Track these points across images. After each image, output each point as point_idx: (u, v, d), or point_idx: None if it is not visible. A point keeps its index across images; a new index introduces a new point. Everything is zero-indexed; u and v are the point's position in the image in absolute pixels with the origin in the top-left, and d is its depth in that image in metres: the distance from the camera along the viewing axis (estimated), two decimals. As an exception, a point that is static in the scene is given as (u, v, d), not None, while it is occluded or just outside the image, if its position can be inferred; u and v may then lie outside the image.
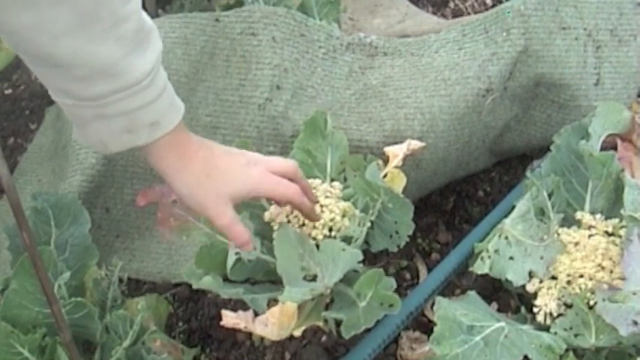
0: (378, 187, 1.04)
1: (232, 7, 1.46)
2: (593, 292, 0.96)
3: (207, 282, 0.99)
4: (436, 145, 1.28)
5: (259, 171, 0.91)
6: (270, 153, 1.29)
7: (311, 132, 1.17)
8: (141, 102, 0.78)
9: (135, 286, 1.36)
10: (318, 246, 1.00)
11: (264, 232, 1.07)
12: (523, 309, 1.09)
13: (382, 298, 0.98)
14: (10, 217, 1.11)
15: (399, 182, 1.09)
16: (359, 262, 1.03)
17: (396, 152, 1.12)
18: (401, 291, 1.26)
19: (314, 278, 1.00)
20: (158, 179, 1.33)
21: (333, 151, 1.15)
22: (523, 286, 1.05)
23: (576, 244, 1.05)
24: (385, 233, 1.09)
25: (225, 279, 1.04)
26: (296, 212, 1.05)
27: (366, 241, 1.10)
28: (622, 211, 1.04)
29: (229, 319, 0.95)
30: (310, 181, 1.09)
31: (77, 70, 0.72)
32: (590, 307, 0.95)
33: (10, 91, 1.90)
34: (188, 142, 0.86)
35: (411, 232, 1.07)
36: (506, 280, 1.05)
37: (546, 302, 1.01)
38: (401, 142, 1.14)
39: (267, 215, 1.07)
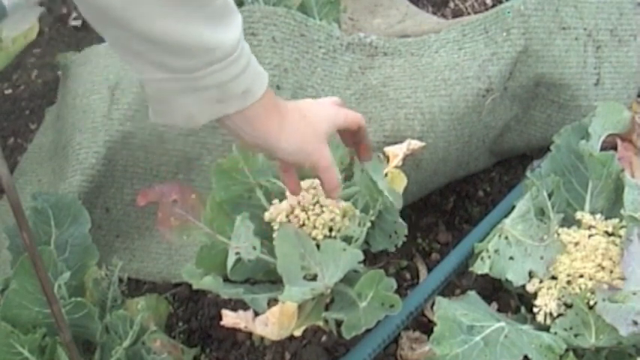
0: (373, 189, 1.04)
1: (232, 7, 1.46)
2: (593, 292, 0.96)
3: (208, 282, 0.99)
4: (436, 145, 1.28)
5: (328, 104, 0.97)
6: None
7: (311, 132, 1.16)
8: (233, 73, 0.80)
9: (135, 286, 1.36)
10: (318, 246, 1.00)
11: (264, 232, 1.07)
12: (523, 309, 1.09)
13: (383, 298, 0.98)
14: (10, 217, 1.11)
15: (399, 182, 1.09)
16: (359, 263, 1.03)
17: (396, 152, 1.12)
18: (401, 291, 1.26)
19: (314, 278, 1.00)
20: (158, 179, 1.35)
21: (333, 151, 1.15)
22: (523, 286, 1.05)
23: (576, 244, 1.05)
24: (385, 233, 1.09)
25: (226, 279, 1.04)
26: (295, 212, 1.05)
27: (366, 241, 1.10)
28: (622, 211, 1.04)
29: (229, 318, 0.95)
30: (310, 181, 1.09)
31: (172, 47, 0.75)
32: (590, 307, 0.95)
33: (10, 91, 1.91)
34: (276, 99, 0.89)
35: (406, 232, 1.07)
36: (506, 280, 1.05)
37: (546, 302, 1.01)
38: (401, 142, 1.14)
39: (267, 215, 1.07)
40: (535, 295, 1.04)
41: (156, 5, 0.72)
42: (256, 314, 0.97)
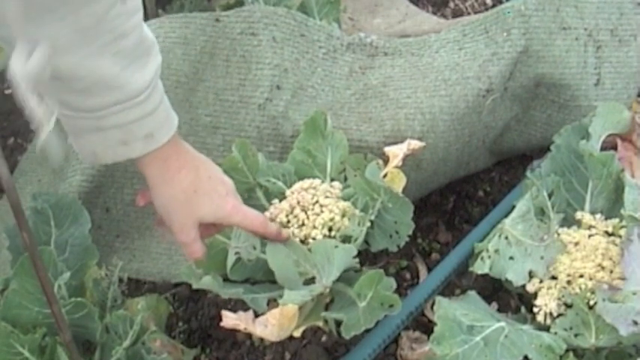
0: (378, 187, 1.04)
1: (232, 7, 1.46)
2: (593, 292, 0.96)
3: (207, 282, 0.99)
4: (436, 145, 1.28)
5: (233, 205, 0.94)
6: (270, 153, 1.29)
7: (311, 132, 1.17)
8: (137, 115, 0.79)
9: (135, 286, 1.36)
10: (309, 250, 1.00)
11: (264, 233, 1.07)
12: (523, 309, 1.09)
13: (382, 298, 0.98)
14: (10, 217, 1.11)
15: (399, 182, 1.09)
16: (358, 262, 1.03)
17: (396, 152, 1.12)
18: (401, 291, 1.26)
19: (313, 279, 1.00)
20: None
21: (333, 151, 1.15)
22: (523, 286, 1.05)
23: (576, 244, 1.05)
24: (385, 233, 1.09)
25: (225, 279, 1.04)
26: (295, 212, 1.05)
27: (366, 241, 1.10)
28: (622, 211, 1.04)
29: (229, 320, 0.95)
30: (310, 181, 1.09)
31: (76, 83, 0.74)
32: (590, 307, 0.95)
33: (10, 91, 1.90)
34: (176, 157, 0.87)
35: (410, 232, 1.07)
36: (506, 280, 1.05)
37: (546, 302, 1.01)
38: (401, 142, 1.14)
39: (267, 215, 1.07)
40: (535, 295, 1.04)
41: (65, 39, 0.70)
42: (256, 314, 0.97)
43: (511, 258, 1.05)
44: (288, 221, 1.05)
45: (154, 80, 0.80)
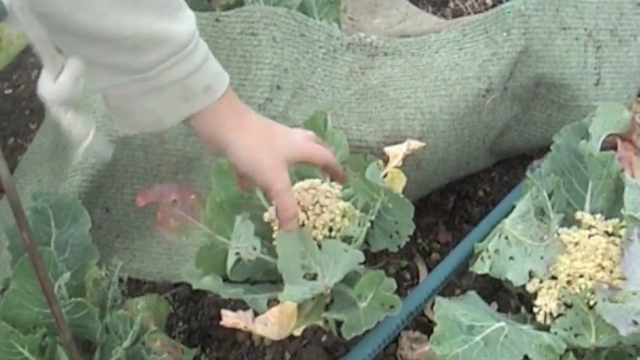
0: (378, 188, 1.04)
1: (232, 7, 1.46)
2: (593, 292, 0.96)
3: (208, 282, 0.99)
4: (436, 145, 1.28)
5: (301, 136, 0.95)
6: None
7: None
8: (190, 67, 0.79)
9: (135, 286, 1.36)
10: (319, 246, 1.00)
11: (264, 233, 1.07)
12: (523, 309, 1.09)
13: (383, 299, 0.98)
14: (10, 217, 1.11)
15: (399, 182, 1.09)
16: (360, 263, 1.03)
17: (396, 152, 1.12)
18: (401, 291, 1.26)
19: (314, 277, 1.00)
20: (158, 179, 1.35)
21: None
22: (523, 286, 1.05)
23: (576, 244, 1.05)
24: (385, 233, 1.09)
25: (225, 279, 1.04)
26: (295, 212, 1.05)
27: (366, 241, 1.10)
28: (622, 211, 1.04)
29: (229, 318, 0.95)
30: (310, 181, 1.09)
31: (126, 42, 0.74)
32: (590, 307, 0.95)
33: (10, 91, 1.90)
34: (241, 105, 0.88)
35: (411, 232, 1.07)
36: (506, 280, 1.05)
37: (546, 302, 1.01)
38: (401, 142, 1.14)
39: (266, 215, 1.07)
40: (535, 295, 1.04)
41: (102, 1, 0.71)
42: (256, 314, 0.97)
43: (511, 258, 1.05)
44: (288, 221, 1.05)
45: (196, 31, 0.81)
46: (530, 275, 1.04)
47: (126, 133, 0.88)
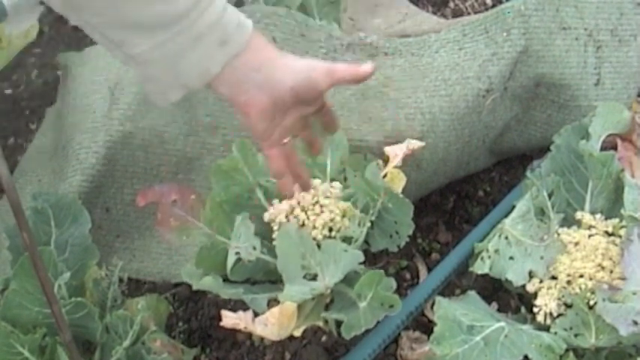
0: (378, 187, 1.04)
1: (232, 7, 1.46)
2: (593, 292, 0.96)
3: (208, 282, 0.99)
4: (436, 145, 1.28)
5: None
6: (270, 153, 1.28)
7: (311, 132, 1.16)
8: (220, 6, 0.80)
9: (135, 286, 1.36)
10: (319, 246, 1.00)
11: (264, 233, 1.07)
12: (523, 309, 1.09)
13: (382, 299, 0.98)
14: (10, 217, 1.11)
15: (399, 182, 1.09)
16: (360, 263, 1.03)
17: (396, 152, 1.12)
18: (401, 291, 1.26)
19: (314, 277, 1.00)
20: (158, 179, 1.35)
21: (333, 151, 1.15)
22: (523, 286, 1.05)
23: (576, 244, 1.05)
24: (385, 233, 1.09)
25: (225, 279, 1.04)
26: (295, 213, 1.05)
27: (365, 241, 1.10)
28: (622, 211, 1.04)
29: (229, 319, 0.96)
30: (310, 181, 1.09)
31: None
32: (590, 307, 0.95)
33: (10, 91, 1.90)
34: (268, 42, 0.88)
35: (411, 232, 1.07)
36: (506, 280, 1.05)
37: (546, 302, 1.01)
38: (401, 142, 1.14)
39: (266, 215, 1.07)
40: (535, 295, 1.04)
41: None
42: (256, 314, 0.97)
43: (511, 258, 1.05)
44: (288, 222, 1.05)
45: None
46: (530, 275, 1.04)
47: (165, 104, 0.87)
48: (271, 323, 0.95)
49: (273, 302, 1.00)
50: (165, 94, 0.85)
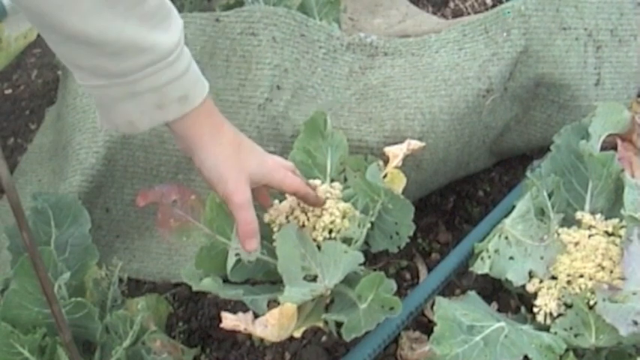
0: (378, 188, 1.04)
1: (232, 7, 1.46)
2: (593, 292, 0.96)
3: (207, 284, 0.99)
4: (436, 146, 1.28)
5: (273, 161, 0.97)
6: (270, 153, 1.28)
7: (311, 132, 1.17)
8: (170, 76, 0.80)
9: (135, 286, 1.36)
10: (319, 247, 1.00)
11: (264, 233, 1.07)
12: (523, 309, 1.09)
13: (383, 300, 0.98)
14: (10, 217, 1.11)
15: (399, 182, 1.09)
16: (360, 264, 1.03)
17: (396, 152, 1.12)
18: (401, 291, 1.26)
19: (314, 279, 1.00)
20: (158, 179, 1.35)
21: (333, 151, 1.15)
22: (523, 286, 1.05)
23: (576, 244, 1.05)
24: (385, 234, 1.09)
25: (225, 280, 1.04)
26: (295, 213, 1.05)
27: (366, 242, 1.10)
28: (622, 211, 1.04)
29: (229, 321, 0.95)
30: (310, 181, 1.09)
31: (108, 47, 0.75)
32: (590, 307, 0.95)
33: (10, 91, 1.91)
34: (217, 114, 0.89)
35: (411, 233, 1.07)
36: (506, 280, 1.05)
37: (546, 302, 1.01)
38: (401, 142, 1.14)
39: (266, 217, 1.07)
40: (535, 295, 1.04)
41: (89, 3, 0.72)
42: (256, 315, 0.97)
43: (511, 258, 1.05)
44: (288, 222, 1.05)
45: (180, 41, 0.81)
46: (530, 275, 1.04)
47: (107, 128, 0.89)
48: (271, 324, 0.94)
49: (273, 303, 0.99)
50: (101, 121, 0.87)
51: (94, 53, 0.76)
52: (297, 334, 0.99)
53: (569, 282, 1.01)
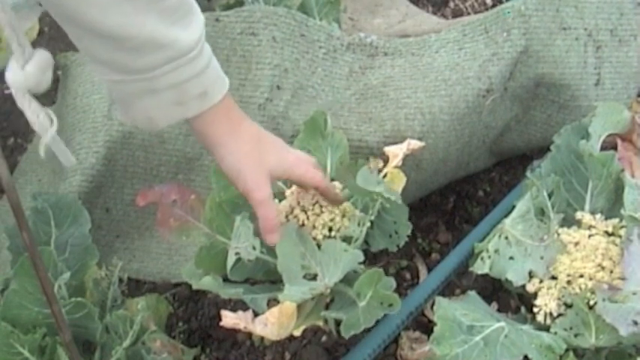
0: (369, 193, 1.04)
1: (232, 7, 1.46)
2: (593, 292, 0.96)
3: (207, 282, 0.99)
4: (436, 146, 1.28)
5: (295, 156, 0.96)
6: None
7: (311, 132, 1.17)
8: (190, 73, 0.80)
9: (135, 286, 1.36)
10: (319, 246, 1.00)
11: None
12: (523, 309, 1.09)
13: (382, 297, 0.98)
14: (10, 217, 1.11)
15: (399, 182, 1.09)
16: (359, 263, 1.03)
17: (396, 152, 1.12)
18: (401, 291, 1.26)
19: (314, 277, 1.00)
20: (158, 179, 1.35)
21: (333, 151, 1.15)
22: (523, 286, 1.05)
23: (576, 244, 1.05)
24: (385, 233, 1.09)
25: (225, 279, 1.04)
26: (295, 213, 1.05)
27: (365, 241, 1.10)
28: (622, 211, 1.04)
29: (229, 319, 0.95)
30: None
31: (128, 42, 0.75)
32: (590, 307, 0.95)
33: (10, 91, 1.90)
34: (237, 111, 0.89)
35: (409, 232, 1.07)
36: (506, 280, 1.05)
37: (546, 302, 1.01)
38: (401, 142, 1.14)
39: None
40: (535, 295, 1.04)
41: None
42: (256, 314, 0.97)
43: (511, 258, 1.05)
44: (288, 222, 1.05)
45: (201, 38, 0.80)
46: (530, 275, 1.04)
47: (125, 122, 0.89)
48: (271, 323, 0.95)
49: (272, 302, 1.00)
50: (121, 116, 0.87)
51: (113, 47, 0.75)
52: (297, 333, 0.99)
53: (569, 282, 1.01)
